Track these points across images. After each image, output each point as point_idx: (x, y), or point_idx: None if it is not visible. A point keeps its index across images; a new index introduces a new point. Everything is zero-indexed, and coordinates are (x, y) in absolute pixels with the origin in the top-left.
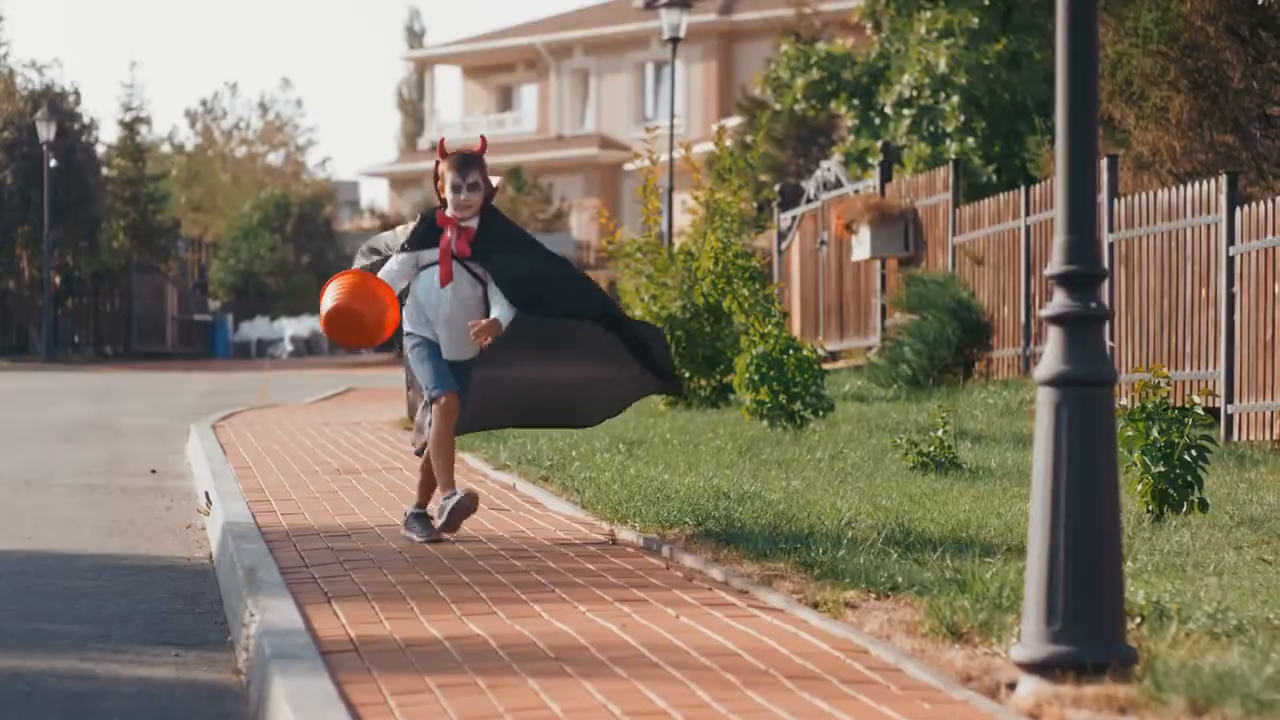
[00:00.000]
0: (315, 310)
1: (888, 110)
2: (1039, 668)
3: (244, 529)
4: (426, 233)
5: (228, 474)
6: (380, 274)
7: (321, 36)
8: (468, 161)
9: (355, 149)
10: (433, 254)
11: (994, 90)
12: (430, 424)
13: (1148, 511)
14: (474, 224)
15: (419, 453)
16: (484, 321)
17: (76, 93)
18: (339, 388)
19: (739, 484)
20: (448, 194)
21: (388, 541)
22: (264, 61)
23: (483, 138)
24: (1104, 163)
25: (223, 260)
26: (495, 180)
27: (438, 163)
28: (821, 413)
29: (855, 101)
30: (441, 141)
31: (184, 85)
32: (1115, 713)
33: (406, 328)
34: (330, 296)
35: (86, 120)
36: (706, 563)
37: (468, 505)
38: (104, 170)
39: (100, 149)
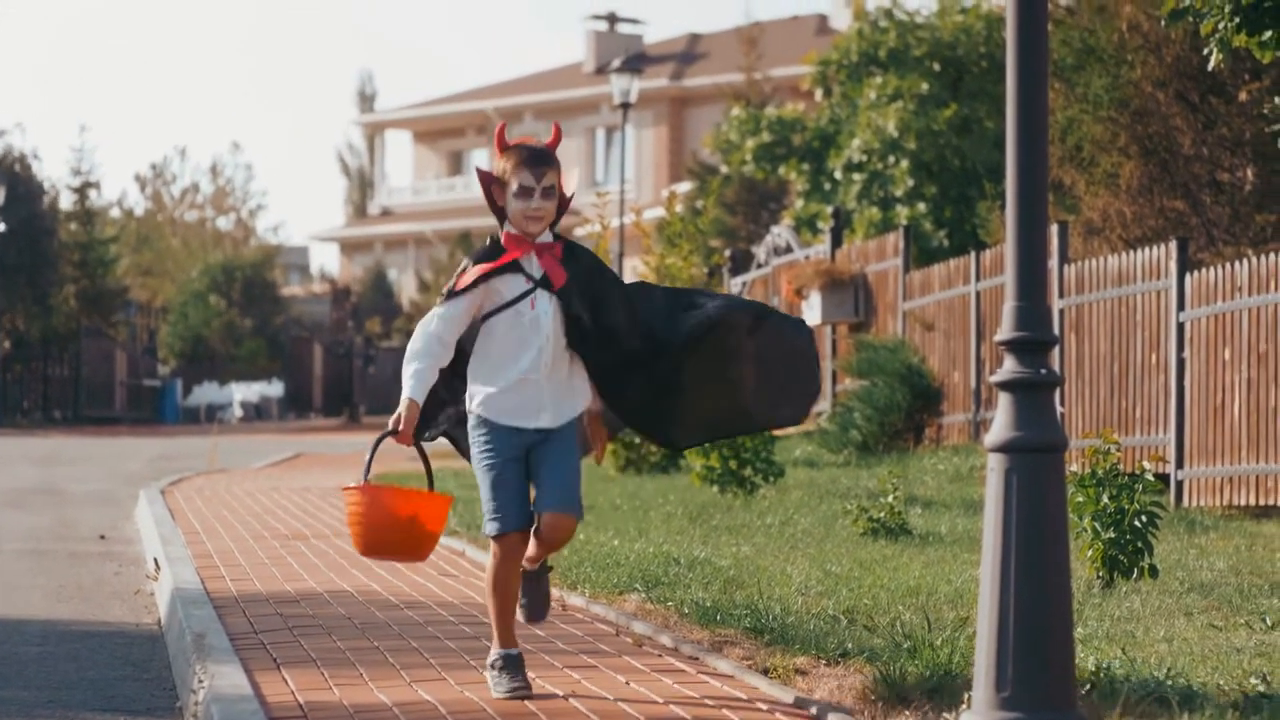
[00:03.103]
0: (264, 375)
1: (838, 175)
2: None
3: (193, 594)
4: (492, 262)
5: (177, 539)
6: (418, 352)
7: (273, 101)
8: (542, 157)
9: (306, 213)
10: (511, 286)
11: (944, 155)
12: (491, 557)
13: (1098, 577)
14: (549, 239)
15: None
16: (595, 425)
17: (34, 155)
18: (288, 453)
19: (689, 550)
20: (510, 202)
21: (336, 607)
22: (215, 125)
23: (556, 126)
24: (1054, 228)
25: (172, 325)
26: (569, 185)
27: (484, 175)
28: (772, 478)
29: (805, 166)
30: (501, 130)
31: (134, 149)
32: None
33: (476, 404)
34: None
35: (46, 185)
36: (657, 629)
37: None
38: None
39: (54, 213)
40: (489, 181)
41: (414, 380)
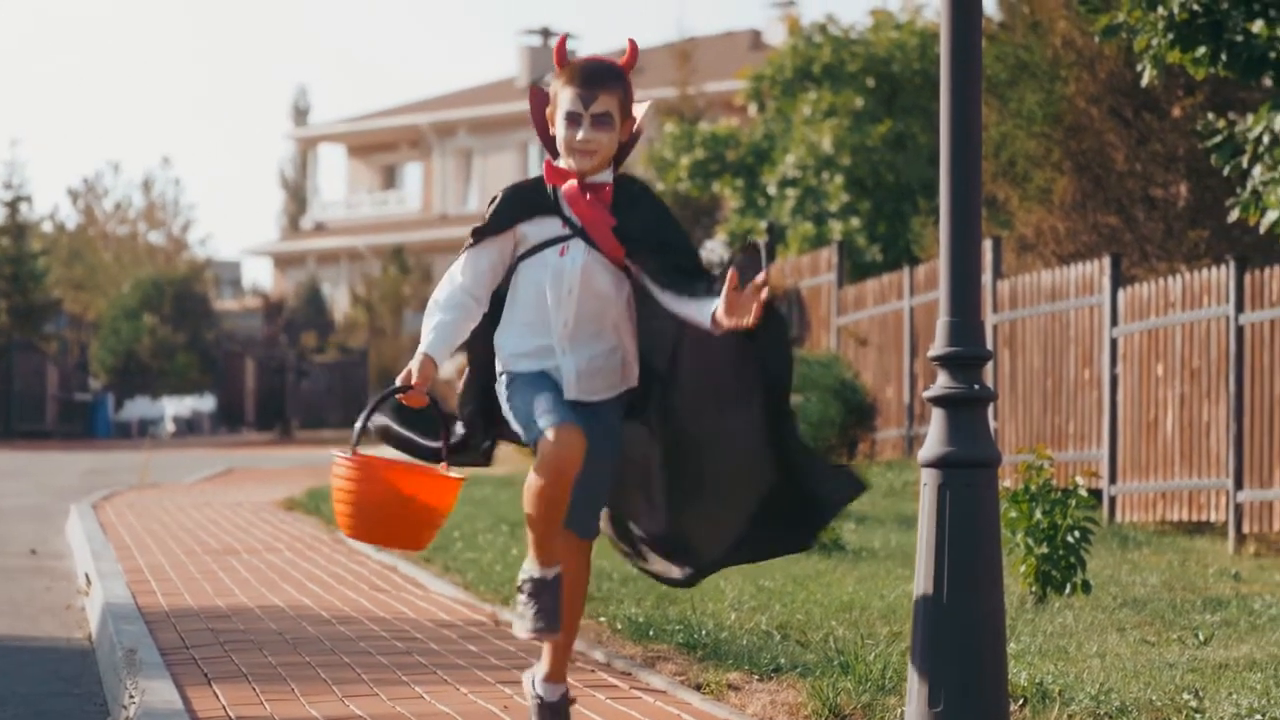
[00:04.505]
0: (196, 390)
1: (772, 190)
2: None
3: (124, 610)
4: (526, 199)
5: (108, 554)
6: (441, 303)
7: (209, 115)
8: (598, 75)
9: (239, 227)
10: (541, 229)
11: (878, 171)
12: (530, 476)
13: (1031, 593)
14: (606, 179)
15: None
16: (747, 290)
17: None
18: (220, 468)
19: (622, 565)
20: (558, 129)
21: (268, 623)
22: (150, 139)
23: (632, 43)
24: (988, 244)
25: (104, 339)
26: (640, 112)
27: (536, 93)
28: None
29: (739, 182)
30: (561, 42)
31: (67, 163)
32: None
33: (501, 363)
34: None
35: None
36: (589, 644)
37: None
38: None
39: None
40: (542, 105)
41: (433, 334)
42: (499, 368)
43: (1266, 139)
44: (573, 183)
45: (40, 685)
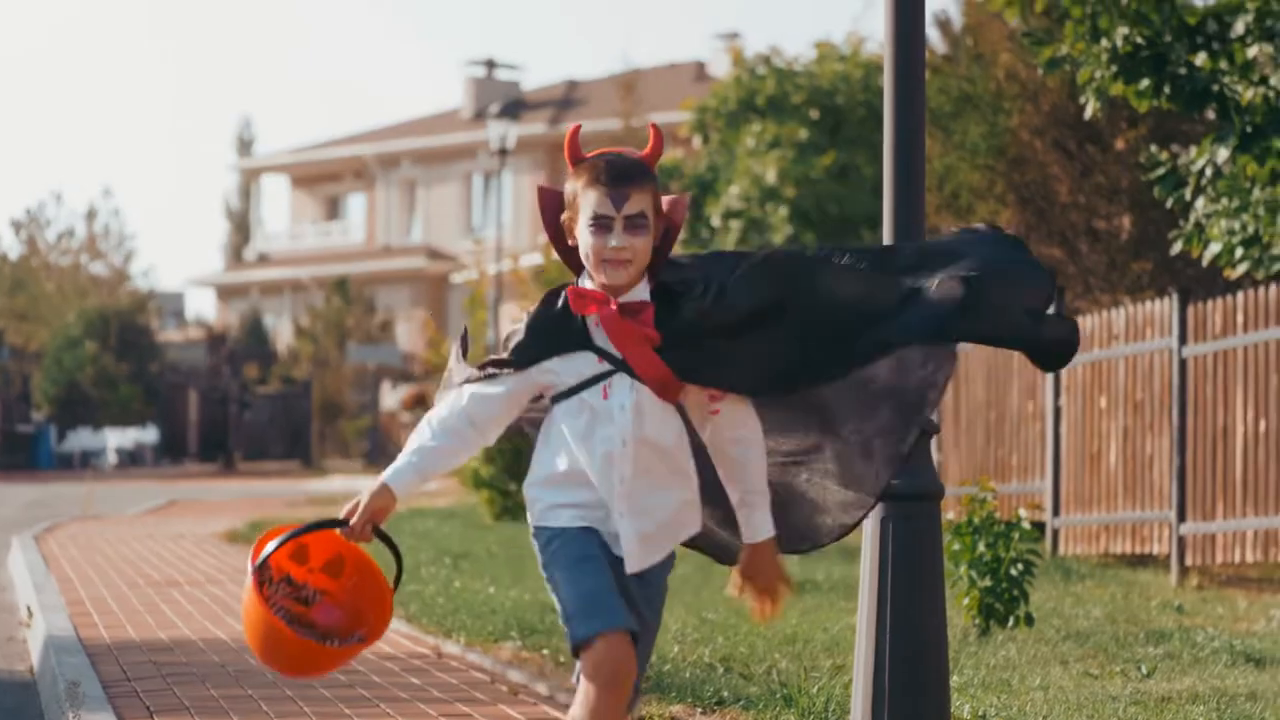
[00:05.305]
0: (139, 421)
1: (715, 222)
2: None
3: (66, 642)
4: (554, 331)
5: (50, 586)
6: (435, 428)
7: (152, 144)
8: (627, 172)
9: (182, 258)
10: (574, 365)
11: (822, 203)
12: (582, 692)
13: (974, 625)
14: (644, 295)
15: None
16: (758, 562)
17: None
18: (162, 500)
19: None
20: (582, 238)
21: (210, 655)
22: (92, 169)
23: (655, 129)
24: None
25: (46, 370)
26: (670, 204)
27: (547, 195)
28: None
29: None
30: (573, 134)
31: (9, 193)
32: None
33: (534, 515)
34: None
35: None
36: (532, 677)
37: None
38: None
39: None
40: (555, 208)
41: (408, 460)
42: (532, 519)
43: (1209, 171)
44: (610, 308)
45: None
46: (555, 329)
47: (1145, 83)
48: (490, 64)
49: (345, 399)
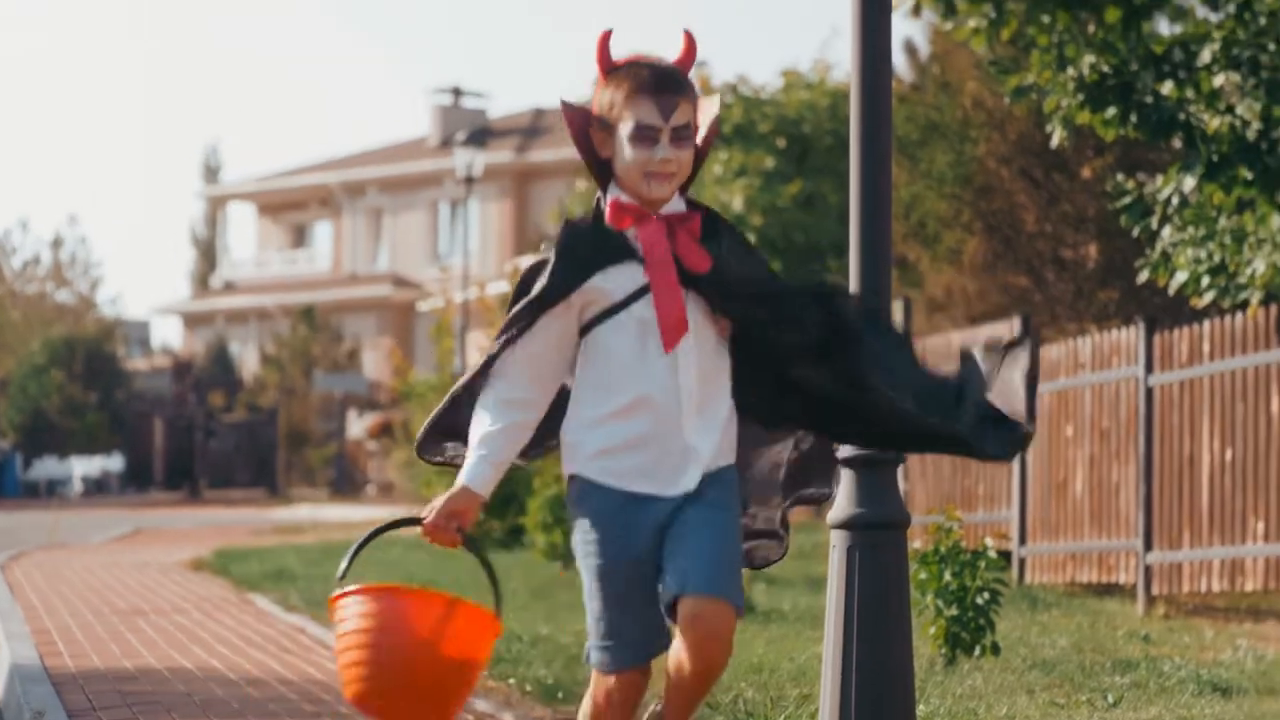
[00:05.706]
0: (105, 449)
1: None
2: None
3: (31, 671)
4: (595, 244)
5: (15, 615)
6: (490, 404)
7: (118, 172)
8: (673, 80)
9: (148, 286)
10: (620, 280)
11: (789, 231)
12: (596, 696)
13: (941, 654)
14: (679, 207)
15: None
16: None
17: None
18: (127, 528)
19: (532, 627)
20: (622, 152)
21: (176, 684)
22: (58, 197)
23: (688, 35)
24: (898, 304)
25: (12, 398)
26: (708, 119)
27: (575, 112)
28: None
29: None
30: (604, 40)
31: None
32: None
33: (575, 463)
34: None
35: None
36: (499, 706)
37: None
38: None
39: None
40: (583, 123)
41: (478, 453)
42: (568, 468)
43: (1175, 200)
44: (654, 218)
45: None
46: (595, 244)
47: (1112, 111)
48: (457, 91)
49: (311, 427)
